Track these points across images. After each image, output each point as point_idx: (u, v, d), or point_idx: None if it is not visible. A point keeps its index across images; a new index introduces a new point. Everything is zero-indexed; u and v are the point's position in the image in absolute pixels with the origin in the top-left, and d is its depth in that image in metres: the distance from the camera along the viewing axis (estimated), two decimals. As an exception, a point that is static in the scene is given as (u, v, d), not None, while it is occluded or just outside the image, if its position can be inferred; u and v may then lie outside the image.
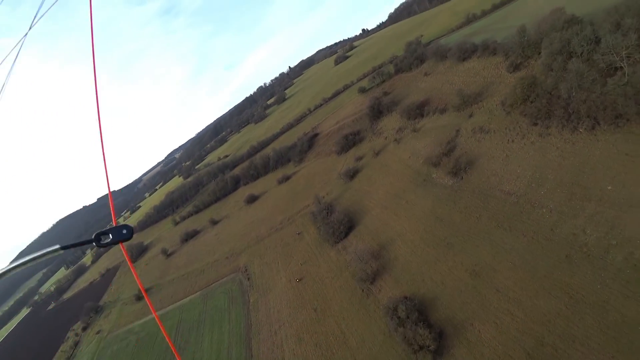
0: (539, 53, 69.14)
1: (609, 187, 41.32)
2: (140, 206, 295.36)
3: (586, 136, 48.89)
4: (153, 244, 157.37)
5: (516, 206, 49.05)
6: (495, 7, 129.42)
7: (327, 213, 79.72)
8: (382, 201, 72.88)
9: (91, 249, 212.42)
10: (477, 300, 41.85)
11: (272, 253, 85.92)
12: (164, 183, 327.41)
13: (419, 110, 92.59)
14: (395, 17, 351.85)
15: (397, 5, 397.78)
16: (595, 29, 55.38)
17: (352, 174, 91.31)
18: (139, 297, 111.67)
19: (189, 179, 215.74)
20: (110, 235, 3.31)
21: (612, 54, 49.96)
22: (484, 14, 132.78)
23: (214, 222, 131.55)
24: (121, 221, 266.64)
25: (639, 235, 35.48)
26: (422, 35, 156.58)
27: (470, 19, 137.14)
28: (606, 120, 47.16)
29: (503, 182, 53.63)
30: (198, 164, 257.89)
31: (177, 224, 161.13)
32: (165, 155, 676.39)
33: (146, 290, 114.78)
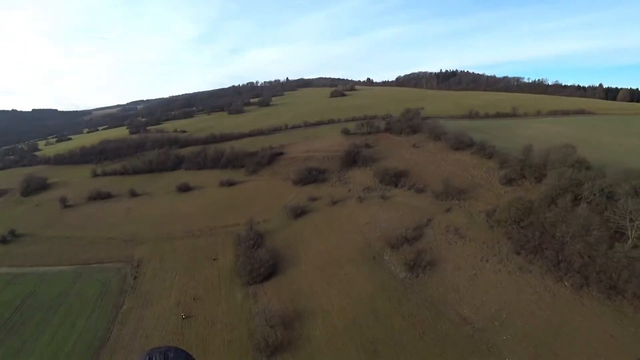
0: (536, 178, 64.50)
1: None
2: (70, 139, 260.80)
3: (570, 293, 41.95)
4: (56, 186, 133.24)
5: (469, 340, 40.20)
6: (500, 116, 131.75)
7: (254, 244, 67.97)
8: (318, 260, 62.12)
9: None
10: None
11: (175, 261, 71.39)
12: (108, 127, 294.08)
13: (395, 179, 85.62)
14: (402, 82, 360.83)
15: (407, 72, 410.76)
16: (611, 184, 50.27)
17: (298, 213, 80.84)
18: (5, 241, 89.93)
19: (134, 136, 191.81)
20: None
21: (626, 219, 44.21)
22: (487, 116, 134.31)
23: (133, 194, 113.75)
24: (41, 145, 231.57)
25: None
26: (422, 108, 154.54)
27: (472, 115, 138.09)
28: (599, 285, 40.47)
29: (462, 303, 45.06)
30: (152, 126, 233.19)
31: (94, 176, 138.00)
32: (128, 102, 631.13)
33: (17, 237, 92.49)
